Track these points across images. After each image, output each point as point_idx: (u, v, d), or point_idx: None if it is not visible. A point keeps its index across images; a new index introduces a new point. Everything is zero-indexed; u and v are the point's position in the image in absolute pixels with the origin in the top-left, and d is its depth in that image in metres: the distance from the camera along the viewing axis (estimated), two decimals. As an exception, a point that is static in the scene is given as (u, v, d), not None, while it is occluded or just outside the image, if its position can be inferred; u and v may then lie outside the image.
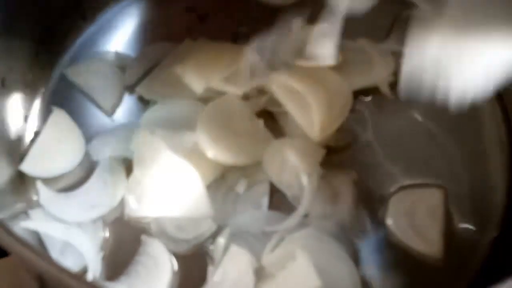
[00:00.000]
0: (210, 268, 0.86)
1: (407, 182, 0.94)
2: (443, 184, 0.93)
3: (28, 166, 0.92)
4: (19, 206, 0.89)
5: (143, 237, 0.87)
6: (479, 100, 0.77)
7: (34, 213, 0.89)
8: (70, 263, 0.85)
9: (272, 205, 0.90)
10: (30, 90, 1.00)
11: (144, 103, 1.01)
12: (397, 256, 0.88)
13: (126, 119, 1.01)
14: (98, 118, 1.01)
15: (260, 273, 0.84)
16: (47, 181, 0.92)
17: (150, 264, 0.85)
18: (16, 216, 0.87)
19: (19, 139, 0.97)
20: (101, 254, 0.87)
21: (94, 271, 0.84)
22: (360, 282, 0.84)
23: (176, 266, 0.86)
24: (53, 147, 0.94)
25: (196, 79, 0.96)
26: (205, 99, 0.98)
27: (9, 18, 0.93)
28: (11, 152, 0.93)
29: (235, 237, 0.87)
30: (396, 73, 1.01)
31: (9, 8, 0.92)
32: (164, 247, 0.86)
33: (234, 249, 0.85)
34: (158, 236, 0.87)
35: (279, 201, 0.91)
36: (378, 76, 1.01)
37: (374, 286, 0.86)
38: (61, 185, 0.93)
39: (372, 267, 0.87)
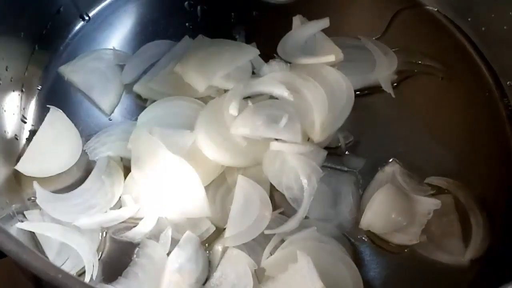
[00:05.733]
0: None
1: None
2: (450, 181, 0.92)
3: (24, 166, 0.91)
4: (15, 206, 0.88)
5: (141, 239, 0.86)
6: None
7: (31, 214, 0.88)
8: (68, 265, 0.84)
9: (273, 206, 0.88)
10: (26, 89, 0.99)
11: (142, 101, 0.99)
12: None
13: (124, 118, 0.99)
14: (96, 117, 0.99)
15: (260, 276, 0.83)
16: (44, 181, 0.90)
17: (148, 266, 0.83)
18: (12, 217, 0.86)
19: (16, 138, 0.95)
20: (98, 256, 0.86)
21: (92, 273, 0.83)
22: (361, 282, 0.83)
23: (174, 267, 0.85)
24: (50, 147, 0.93)
25: (197, 78, 0.94)
26: (203, 98, 0.97)
27: (5, 16, 0.91)
28: (7, 151, 0.92)
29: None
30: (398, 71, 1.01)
31: (4, 7, 0.91)
32: (162, 248, 0.85)
33: (233, 251, 0.84)
34: (155, 237, 0.86)
35: (280, 201, 0.90)
36: (380, 74, 0.99)
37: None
38: (58, 185, 0.92)
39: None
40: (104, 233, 0.88)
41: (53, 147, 0.93)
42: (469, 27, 1.05)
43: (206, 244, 0.88)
